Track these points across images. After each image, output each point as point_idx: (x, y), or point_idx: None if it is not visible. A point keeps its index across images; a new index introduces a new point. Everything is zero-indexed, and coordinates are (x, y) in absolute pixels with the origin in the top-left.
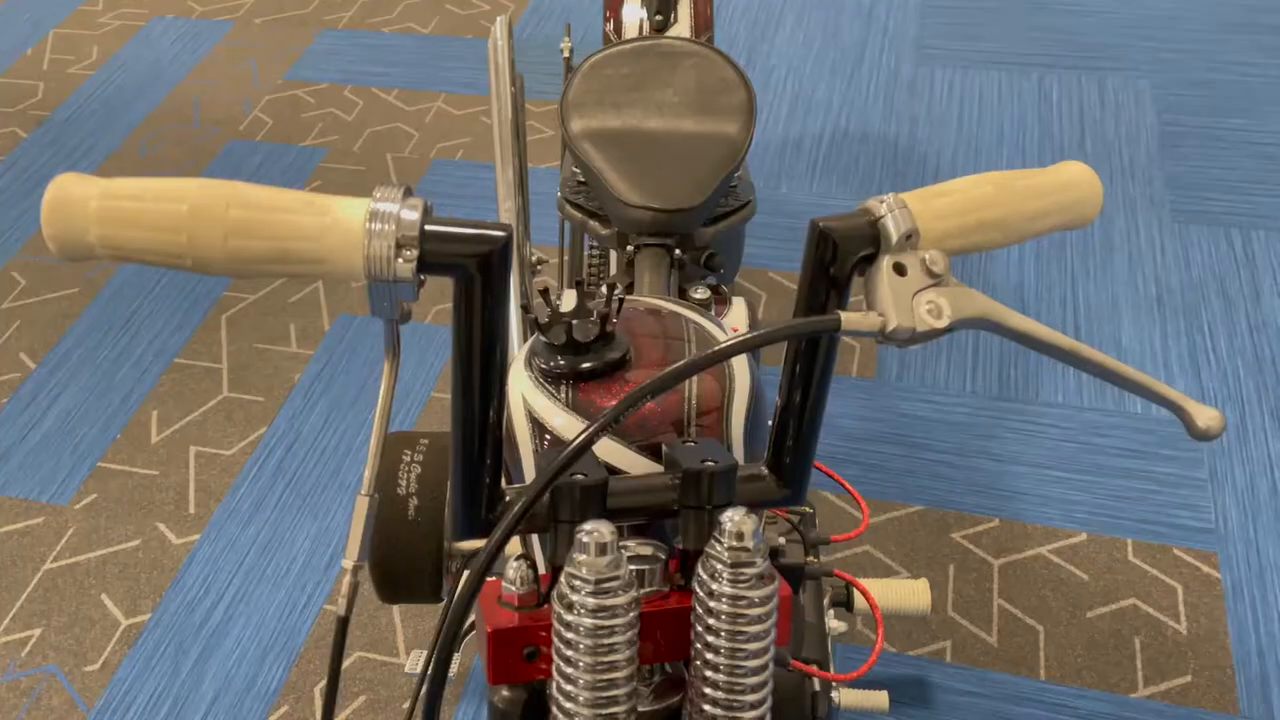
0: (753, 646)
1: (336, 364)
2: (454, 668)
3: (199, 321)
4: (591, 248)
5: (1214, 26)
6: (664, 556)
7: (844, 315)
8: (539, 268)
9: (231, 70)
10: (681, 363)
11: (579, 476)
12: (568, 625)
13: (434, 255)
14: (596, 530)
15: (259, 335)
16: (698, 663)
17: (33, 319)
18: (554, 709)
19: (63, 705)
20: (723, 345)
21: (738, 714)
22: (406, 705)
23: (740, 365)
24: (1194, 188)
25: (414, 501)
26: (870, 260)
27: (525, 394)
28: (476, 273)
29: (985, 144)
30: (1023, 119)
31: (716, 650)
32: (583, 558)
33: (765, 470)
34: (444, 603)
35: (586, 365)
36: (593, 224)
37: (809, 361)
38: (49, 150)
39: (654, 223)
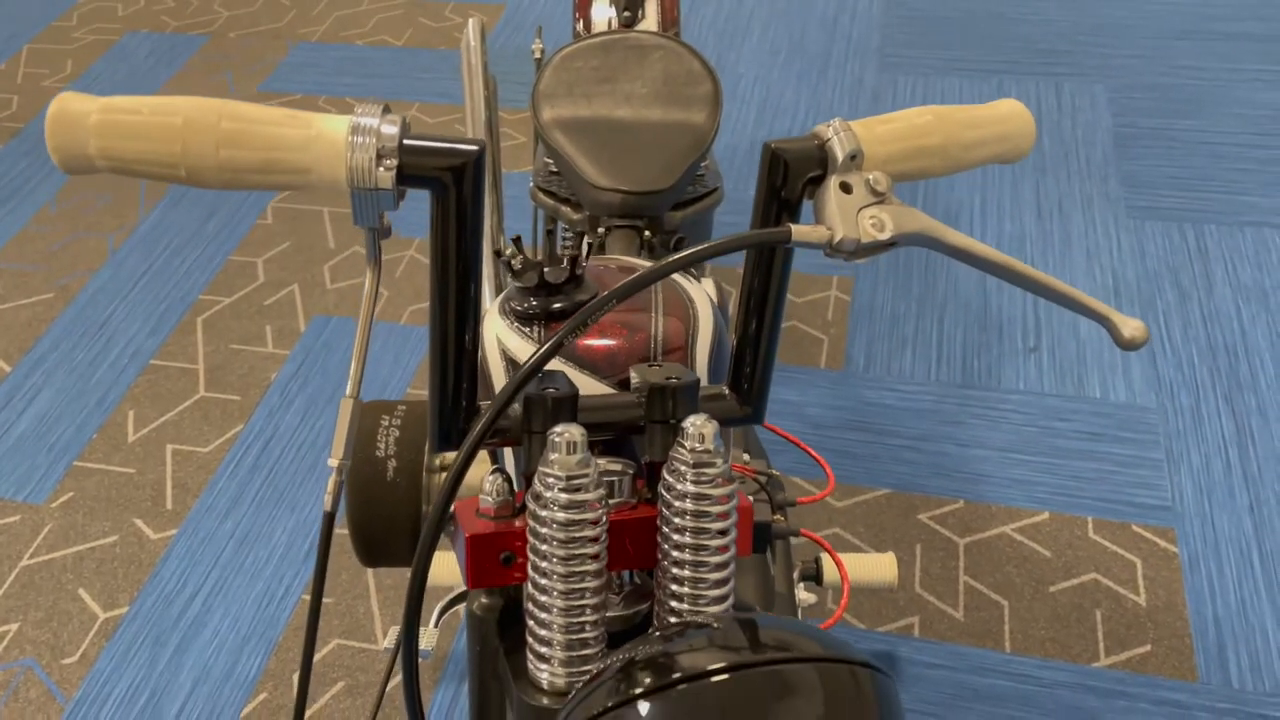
0: (715, 544)
1: (313, 363)
2: (431, 642)
3: (174, 324)
4: (564, 237)
5: (1165, 34)
6: (631, 472)
7: (794, 228)
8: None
9: (207, 82)
10: (650, 267)
11: (550, 390)
12: (541, 521)
13: (411, 168)
14: (567, 430)
15: (234, 337)
16: (664, 563)
17: (8, 324)
18: (528, 610)
19: (40, 697)
20: (681, 255)
21: (702, 609)
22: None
23: (704, 305)
24: (1148, 185)
25: (392, 464)
26: (819, 182)
27: (500, 335)
28: (452, 185)
29: None
30: None
31: (681, 549)
32: (555, 456)
33: (726, 390)
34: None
35: (557, 305)
36: (565, 210)
37: (764, 279)
38: (23, 161)
39: (623, 205)
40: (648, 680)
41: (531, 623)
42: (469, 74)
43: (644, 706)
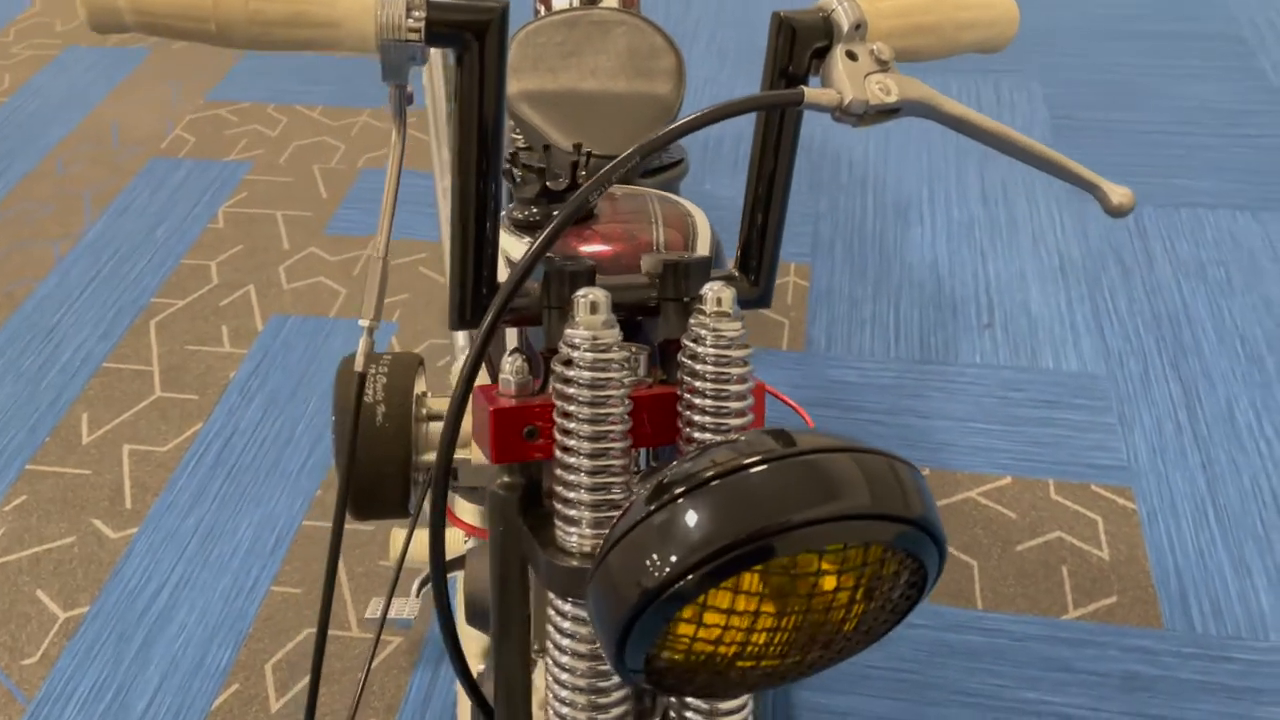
0: (735, 405)
1: (272, 360)
2: (414, 611)
3: (126, 327)
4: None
5: (1095, 35)
6: (647, 351)
7: (806, 90)
8: None
9: (151, 94)
10: (664, 130)
11: (568, 263)
12: (568, 382)
13: (437, 25)
14: (591, 292)
15: (190, 338)
16: (686, 429)
17: None
18: (557, 475)
19: (0, 698)
20: (696, 115)
21: None
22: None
23: (701, 217)
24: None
25: (381, 409)
26: (823, 55)
27: (504, 245)
28: (475, 42)
29: (894, 141)
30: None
31: (703, 425)
32: (580, 316)
33: (735, 272)
34: (411, 517)
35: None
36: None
37: (774, 149)
38: None
39: (594, 171)
40: (688, 481)
41: (559, 488)
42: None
43: (688, 502)
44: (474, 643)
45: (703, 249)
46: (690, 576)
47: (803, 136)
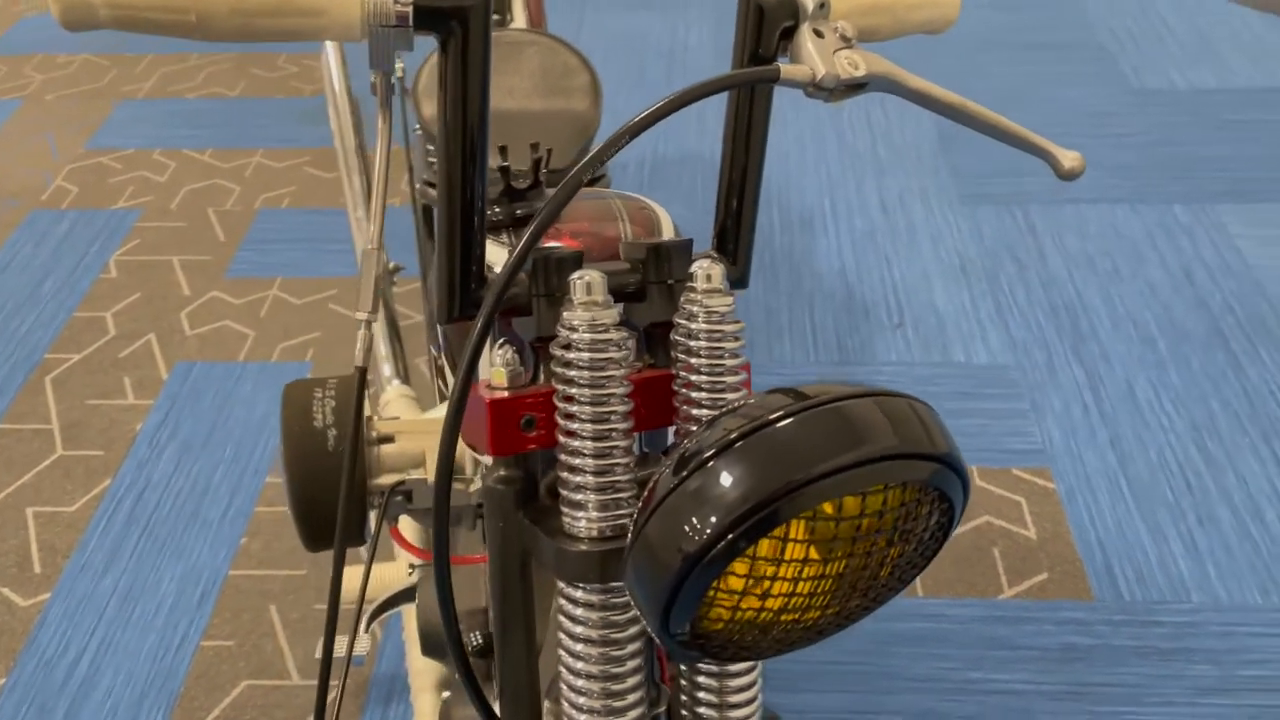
0: (731, 379)
1: (181, 409)
2: (365, 647)
3: (19, 385)
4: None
5: (971, 48)
6: (635, 335)
7: (781, 66)
8: (394, 277)
9: (25, 145)
10: (658, 104)
11: (554, 250)
12: (568, 364)
13: (424, 10)
14: (586, 273)
15: (90, 392)
16: (683, 407)
17: None
18: (561, 460)
19: None
20: (678, 94)
21: None
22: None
23: (664, 214)
24: (975, 175)
25: (332, 433)
26: (790, 35)
27: None
28: (459, 27)
29: (793, 156)
30: (821, 134)
31: (700, 400)
32: (578, 298)
33: (714, 254)
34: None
35: (521, 212)
36: None
37: (746, 127)
38: None
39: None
40: (717, 444)
41: (565, 474)
42: (333, 93)
43: (720, 463)
44: (428, 675)
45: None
46: (731, 535)
47: (703, 159)
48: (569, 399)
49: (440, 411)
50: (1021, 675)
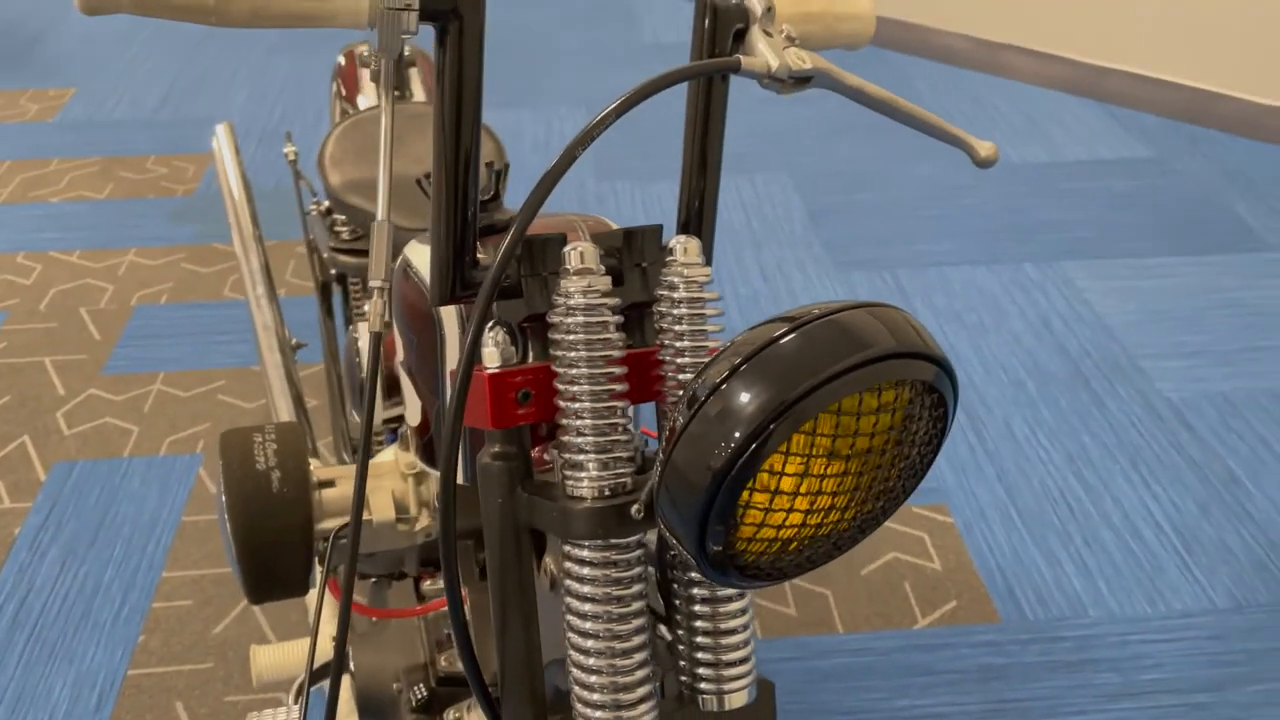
0: (714, 345)
1: (63, 510)
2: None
3: None
4: (354, 291)
5: (826, 134)
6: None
7: (741, 57)
8: (297, 353)
9: None
10: (639, 85)
11: (538, 235)
12: (567, 330)
13: (427, 1)
14: (578, 245)
15: None
16: (669, 374)
17: None
18: (563, 425)
19: None
20: (647, 82)
21: None
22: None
23: (611, 223)
24: (845, 245)
25: (276, 474)
26: (742, 35)
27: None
28: (457, 18)
29: (671, 232)
30: None
31: (684, 366)
32: (573, 266)
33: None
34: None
35: (482, 224)
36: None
37: (705, 116)
38: None
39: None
40: (726, 367)
41: (567, 437)
42: (225, 174)
43: (735, 383)
44: None
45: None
46: (754, 445)
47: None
48: (569, 364)
49: (381, 457)
50: (945, 698)
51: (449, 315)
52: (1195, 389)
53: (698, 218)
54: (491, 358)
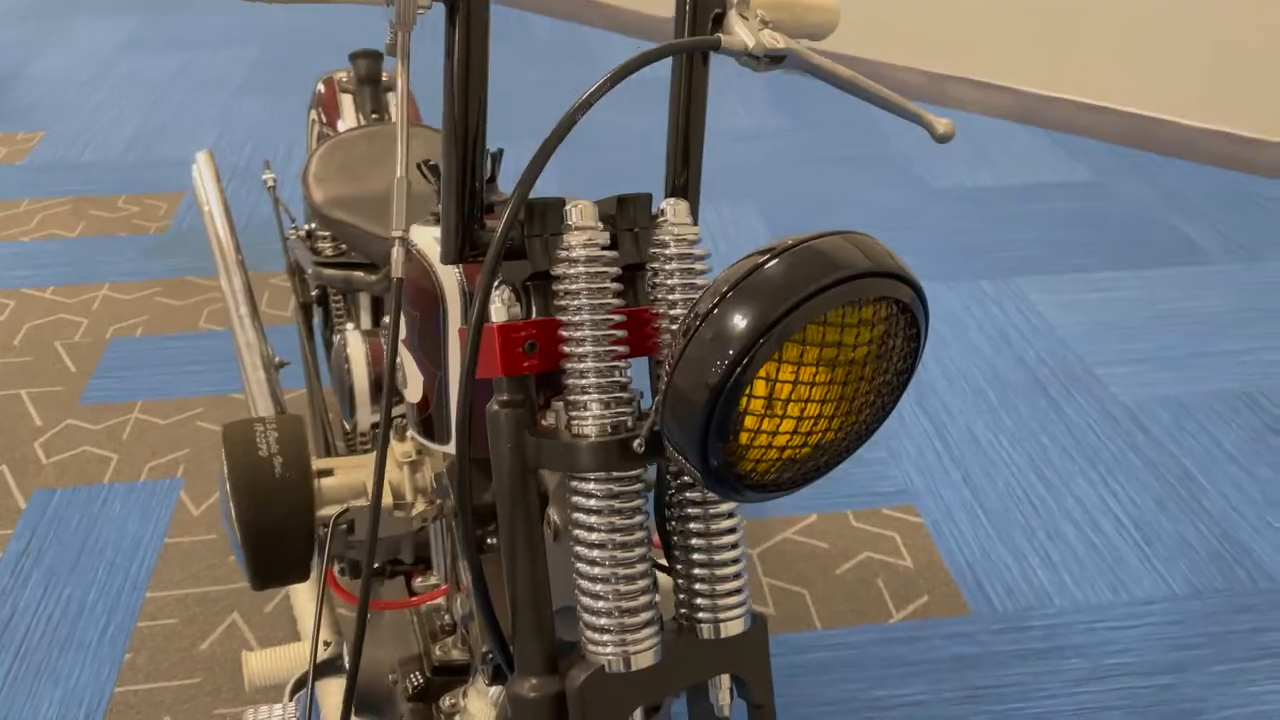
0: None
1: (44, 536)
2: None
3: None
4: (336, 305)
5: (787, 163)
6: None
7: (721, 36)
8: (280, 371)
9: None
10: (626, 62)
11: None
12: (571, 279)
13: None
14: (579, 202)
15: None
16: (663, 324)
17: None
18: (567, 369)
19: None
20: (635, 57)
21: None
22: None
23: None
24: None
25: (279, 461)
26: (720, 19)
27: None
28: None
29: None
30: None
31: (676, 318)
32: (575, 221)
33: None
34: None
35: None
36: (357, 275)
37: (687, 91)
38: None
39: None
40: (716, 294)
41: (572, 379)
42: (206, 197)
43: (726, 306)
44: None
45: None
46: (747, 359)
47: None
48: (574, 312)
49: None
50: (921, 687)
51: (450, 282)
52: (1147, 393)
53: (684, 184)
54: (499, 313)
